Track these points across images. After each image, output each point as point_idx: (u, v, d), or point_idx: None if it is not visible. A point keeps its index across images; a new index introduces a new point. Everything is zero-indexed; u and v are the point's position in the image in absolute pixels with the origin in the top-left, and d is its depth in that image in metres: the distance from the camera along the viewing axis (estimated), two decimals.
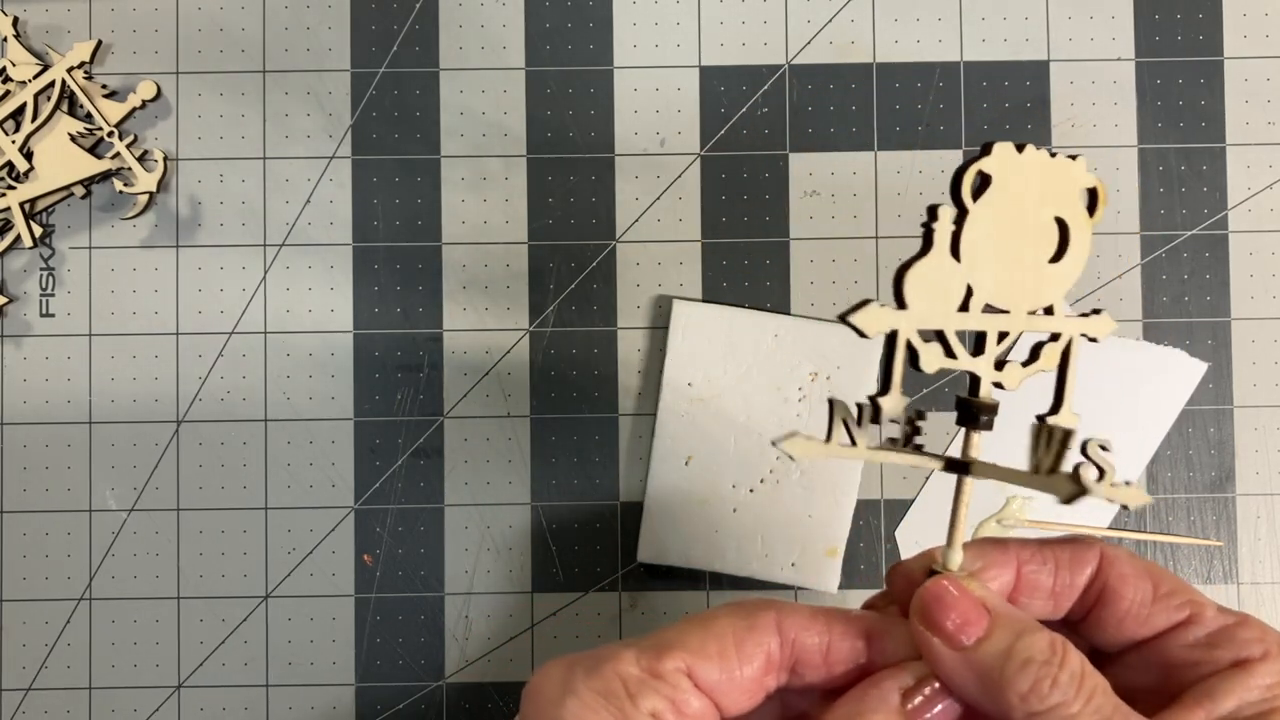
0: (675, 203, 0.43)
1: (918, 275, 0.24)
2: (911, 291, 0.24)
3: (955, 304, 0.24)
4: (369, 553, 0.42)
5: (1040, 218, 0.25)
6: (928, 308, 0.24)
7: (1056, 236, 0.25)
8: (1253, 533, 0.42)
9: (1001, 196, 0.24)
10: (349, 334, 0.43)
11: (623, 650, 0.24)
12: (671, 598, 0.42)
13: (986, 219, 0.24)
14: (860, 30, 0.43)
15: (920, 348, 0.24)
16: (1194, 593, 0.26)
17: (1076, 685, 0.23)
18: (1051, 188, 0.25)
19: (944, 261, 0.24)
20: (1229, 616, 0.25)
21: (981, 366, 0.25)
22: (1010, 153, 0.24)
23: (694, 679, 0.24)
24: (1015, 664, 0.23)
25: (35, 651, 0.42)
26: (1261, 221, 0.43)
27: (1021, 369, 0.25)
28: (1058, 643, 0.23)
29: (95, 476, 0.42)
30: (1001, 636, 0.24)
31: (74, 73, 0.42)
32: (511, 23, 0.43)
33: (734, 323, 0.42)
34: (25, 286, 0.43)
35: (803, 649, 0.25)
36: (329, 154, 0.43)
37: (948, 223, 0.24)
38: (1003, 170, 0.24)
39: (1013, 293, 0.25)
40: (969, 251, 0.24)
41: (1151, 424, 0.42)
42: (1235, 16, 0.43)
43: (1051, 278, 0.25)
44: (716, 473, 0.42)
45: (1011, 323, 0.25)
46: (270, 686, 0.42)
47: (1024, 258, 0.25)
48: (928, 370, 0.24)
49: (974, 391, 0.25)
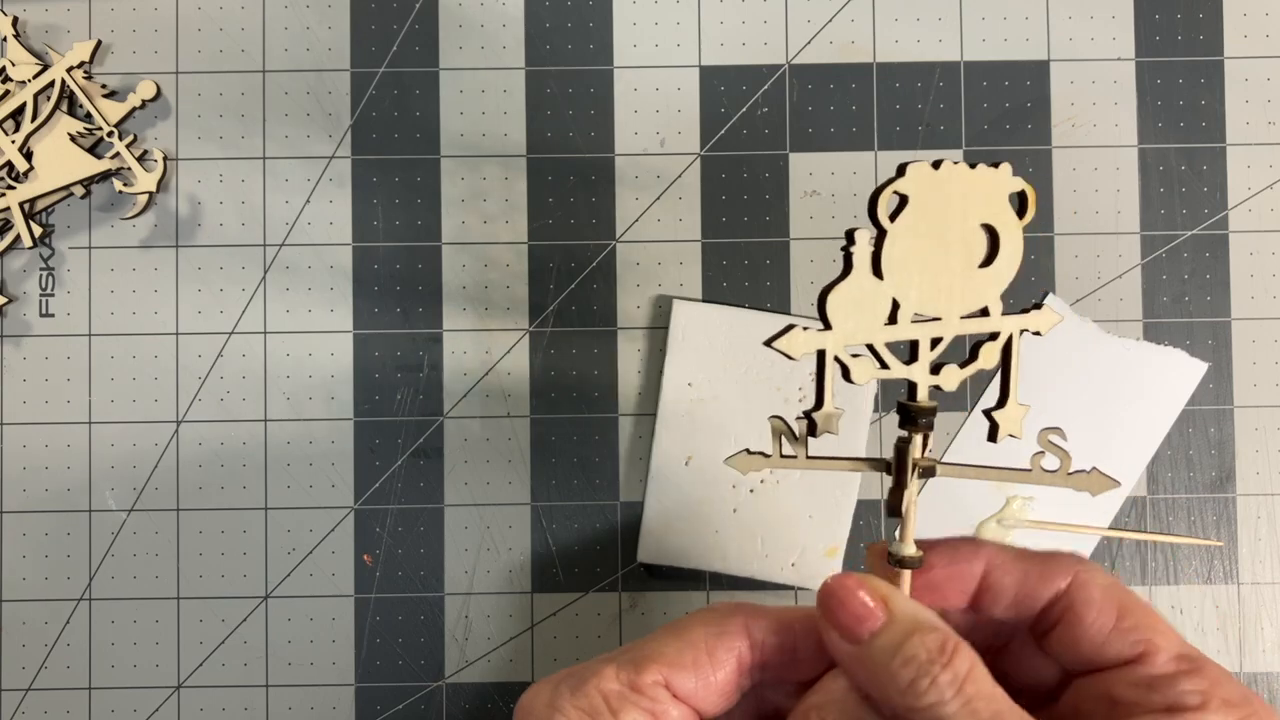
0: (675, 203, 0.43)
1: (840, 296, 0.25)
2: (835, 312, 0.25)
3: (882, 318, 0.26)
4: (369, 553, 0.42)
5: (966, 226, 0.26)
6: (853, 325, 0.25)
7: (985, 241, 0.26)
8: (1253, 533, 0.42)
9: (920, 213, 0.25)
10: (349, 334, 0.43)
11: (603, 666, 0.25)
12: (671, 598, 0.42)
13: (907, 235, 0.25)
14: (860, 30, 0.43)
15: (849, 363, 0.25)
16: (1161, 633, 0.25)
17: (956, 687, 0.23)
18: (977, 196, 0.25)
19: (865, 281, 0.25)
20: (1185, 663, 0.25)
21: (916, 373, 0.26)
22: (925, 171, 0.25)
23: (671, 689, 0.25)
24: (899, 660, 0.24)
25: (35, 651, 0.42)
26: (1262, 221, 0.43)
27: (959, 370, 0.26)
28: (949, 644, 0.24)
29: (95, 476, 0.42)
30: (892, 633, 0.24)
31: (74, 72, 0.42)
32: (511, 23, 0.43)
33: (734, 323, 0.42)
34: (25, 286, 0.43)
35: (771, 650, 0.26)
36: (329, 154, 0.43)
37: (865, 244, 0.25)
38: (919, 188, 0.25)
39: (941, 300, 0.26)
40: (892, 267, 0.25)
41: (1152, 424, 0.42)
42: (1235, 16, 0.43)
43: (984, 281, 0.26)
44: (716, 473, 0.42)
45: (944, 328, 0.26)
46: (270, 687, 0.42)
47: (951, 266, 0.26)
48: (859, 382, 0.26)
49: (912, 396, 0.26)
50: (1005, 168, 0.26)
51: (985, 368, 0.27)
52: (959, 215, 0.25)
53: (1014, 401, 0.27)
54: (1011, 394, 0.27)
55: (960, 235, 0.26)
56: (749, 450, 0.27)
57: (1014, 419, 0.27)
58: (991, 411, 0.27)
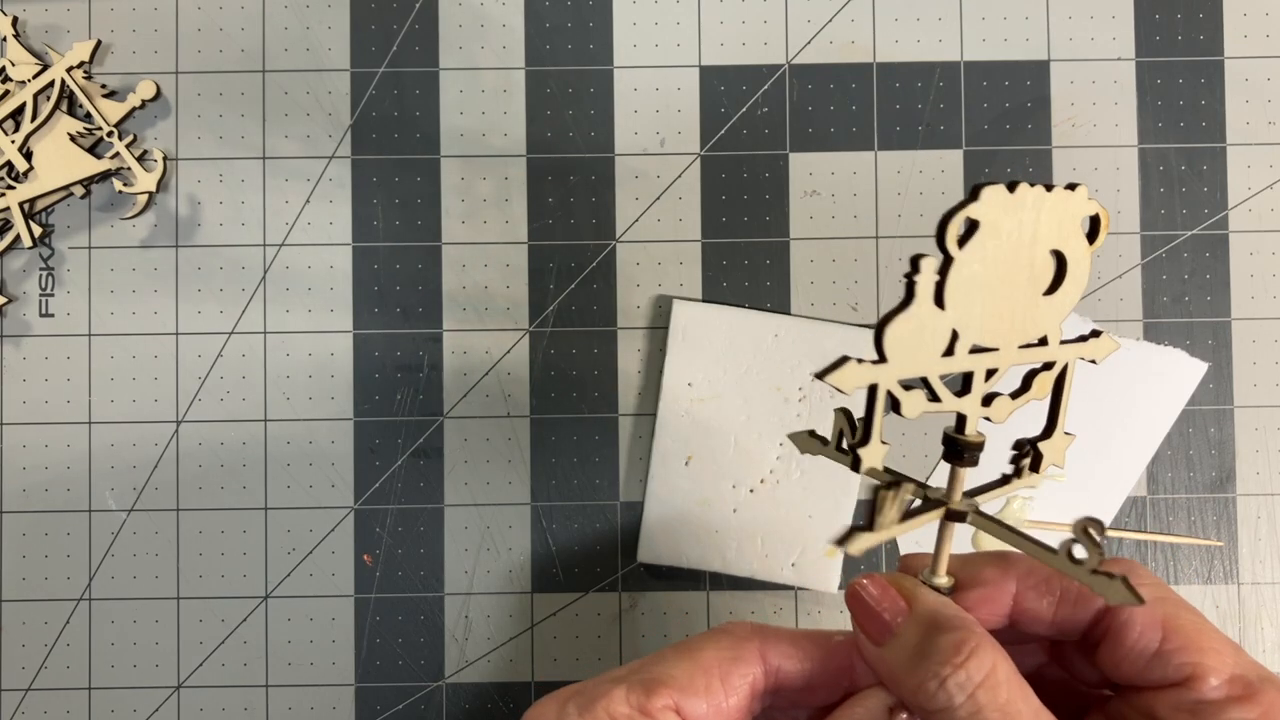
0: (675, 203, 0.43)
1: (899, 328, 0.23)
2: (893, 345, 0.23)
3: (939, 351, 0.24)
4: (369, 553, 0.42)
5: (1036, 253, 0.24)
6: (909, 358, 0.23)
7: (1053, 269, 0.24)
8: (1253, 533, 0.42)
9: (992, 239, 0.23)
10: (349, 334, 0.43)
11: (613, 688, 0.25)
12: (671, 598, 0.42)
13: (974, 263, 0.23)
14: (860, 30, 0.43)
15: (901, 396, 0.24)
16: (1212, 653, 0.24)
17: (966, 693, 0.22)
18: (1049, 222, 0.24)
19: (926, 311, 0.23)
20: (1238, 688, 0.24)
21: (968, 405, 0.25)
22: (1001, 195, 0.23)
23: (682, 714, 0.25)
24: (913, 660, 0.23)
25: (35, 651, 0.42)
26: (1262, 221, 0.43)
27: (1010, 401, 0.25)
28: (967, 645, 0.23)
29: (95, 476, 0.42)
30: (909, 633, 0.24)
31: (73, 72, 0.42)
32: (511, 23, 0.43)
33: (734, 323, 0.42)
34: (25, 286, 0.43)
35: (787, 675, 0.26)
36: (329, 154, 0.43)
37: (930, 273, 0.23)
38: (993, 213, 0.23)
39: (1003, 330, 0.24)
40: (955, 297, 0.23)
41: (1152, 424, 0.42)
42: (1235, 16, 0.43)
43: (1046, 310, 0.24)
44: (716, 473, 0.42)
45: (1001, 359, 0.24)
46: (270, 687, 0.42)
47: (1016, 295, 0.24)
48: (909, 416, 0.24)
49: (960, 429, 0.25)
50: (1082, 190, 0.24)
51: (1038, 398, 0.25)
52: (1029, 241, 0.24)
53: (1060, 432, 0.25)
54: (1059, 424, 0.25)
55: (1029, 262, 0.24)
56: (812, 432, 0.25)
57: (1059, 449, 0.26)
58: (1037, 441, 0.26)
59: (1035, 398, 0.25)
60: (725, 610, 0.42)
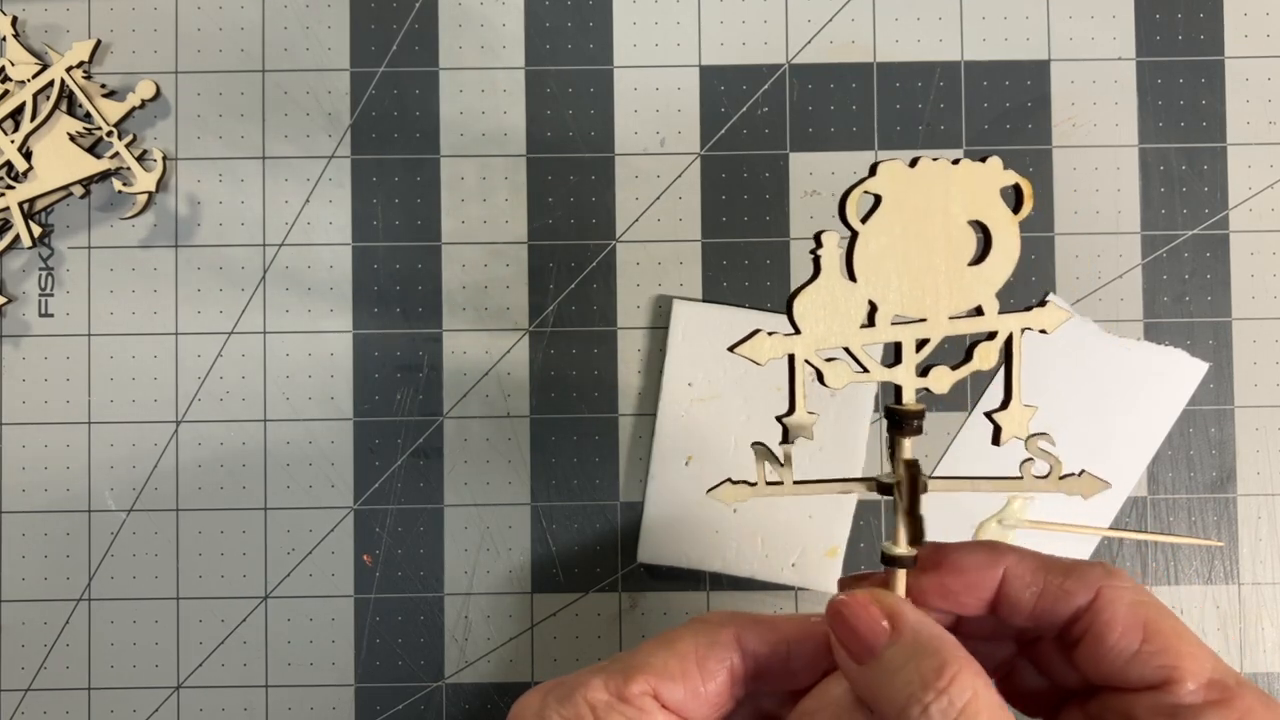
0: (675, 203, 0.43)
1: (808, 300, 0.25)
2: (804, 317, 0.25)
3: (857, 321, 0.25)
4: (369, 553, 0.42)
5: (950, 224, 0.25)
6: (825, 329, 0.25)
7: (974, 239, 0.25)
8: (1254, 533, 0.42)
9: (896, 212, 0.24)
10: (348, 334, 0.43)
11: (591, 677, 0.25)
12: (671, 598, 0.42)
13: (881, 236, 0.25)
14: (860, 30, 0.43)
15: (823, 367, 0.25)
16: (1190, 657, 0.24)
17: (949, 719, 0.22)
18: (962, 193, 0.25)
19: (836, 284, 0.25)
20: (1215, 692, 0.24)
21: (900, 375, 0.26)
22: (899, 170, 0.24)
23: (660, 699, 0.25)
24: (896, 683, 0.23)
25: (34, 652, 0.42)
26: (1262, 221, 0.43)
27: (951, 372, 0.26)
28: (949, 670, 0.23)
29: (94, 476, 0.42)
30: (893, 655, 0.24)
31: (73, 72, 0.42)
32: (511, 23, 0.43)
33: (734, 323, 0.42)
34: (24, 286, 0.43)
35: (765, 660, 0.26)
36: (328, 154, 0.43)
37: (834, 247, 0.25)
38: (894, 187, 0.24)
39: (926, 301, 0.25)
40: (867, 269, 0.25)
41: (1152, 424, 0.42)
42: (1235, 16, 0.43)
43: (974, 279, 0.25)
44: (716, 473, 0.42)
45: (931, 329, 0.25)
46: (270, 687, 0.42)
47: (935, 265, 0.25)
48: (834, 386, 0.25)
49: (898, 400, 0.26)
50: (994, 161, 0.25)
51: (982, 369, 0.26)
52: (940, 213, 0.25)
53: (1017, 403, 0.26)
54: (1014, 395, 0.26)
55: (944, 233, 0.25)
56: (732, 480, 0.26)
57: (1018, 420, 0.26)
58: (994, 414, 0.26)
59: (979, 368, 0.26)
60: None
